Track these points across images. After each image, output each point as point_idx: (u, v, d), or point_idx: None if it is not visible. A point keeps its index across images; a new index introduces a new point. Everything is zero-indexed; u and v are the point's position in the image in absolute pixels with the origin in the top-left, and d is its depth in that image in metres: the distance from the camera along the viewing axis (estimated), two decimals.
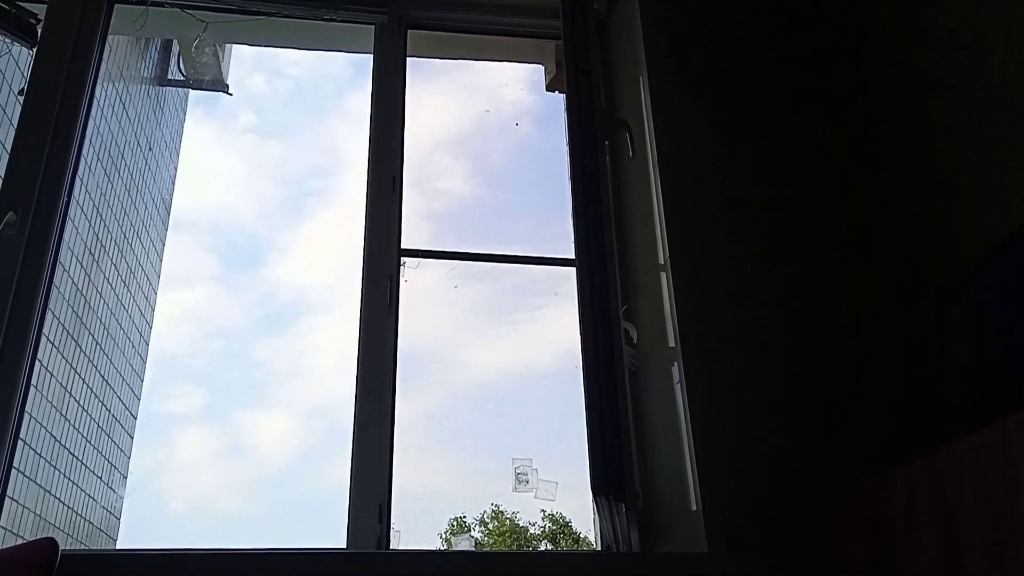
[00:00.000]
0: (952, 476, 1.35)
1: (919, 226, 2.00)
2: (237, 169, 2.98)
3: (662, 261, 2.08)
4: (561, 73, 2.29)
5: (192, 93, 3.49)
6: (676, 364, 1.96)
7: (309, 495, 2.30)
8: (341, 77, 2.96)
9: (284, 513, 2.28)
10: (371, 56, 2.38)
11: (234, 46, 2.96)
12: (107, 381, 3.23)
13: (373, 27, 2.41)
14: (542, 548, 2.48)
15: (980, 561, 1.26)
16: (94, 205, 2.94)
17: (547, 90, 2.61)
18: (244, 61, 3.16)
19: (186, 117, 3.78)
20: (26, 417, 1.99)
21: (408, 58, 2.40)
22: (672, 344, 1.99)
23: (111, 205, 3.16)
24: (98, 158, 2.95)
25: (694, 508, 1.83)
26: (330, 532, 1.86)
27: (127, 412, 3.31)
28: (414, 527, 1.97)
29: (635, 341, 2.14)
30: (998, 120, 1.74)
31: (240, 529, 2.17)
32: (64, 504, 2.86)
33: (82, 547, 3.04)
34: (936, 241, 1.92)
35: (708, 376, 1.94)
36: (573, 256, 2.03)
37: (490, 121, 2.70)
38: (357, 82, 2.34)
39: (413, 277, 2.17)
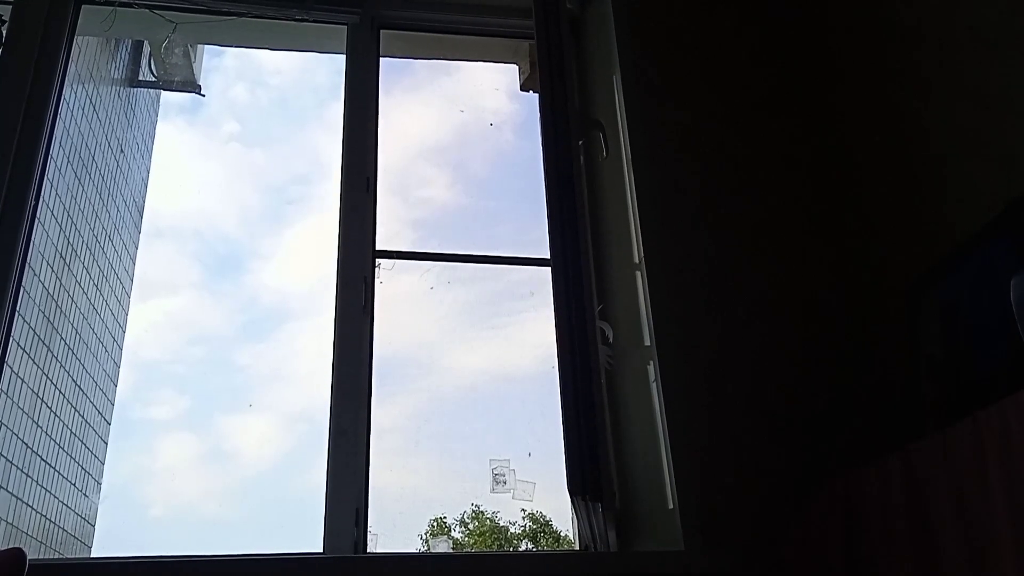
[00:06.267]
0: (925, 470, 1.36)
1: (893, 223, 2.01)
2: (219, 177, 2.97)
3: (637, 260, 2.08)
4: (535, 73, 2.29)
5: (172, 100, 3.47)
6: (652, 363, 1.97)
7: (290, 499, 2.29)
8: (324, 86, 2.96)
9: (265, 518, 2.26)
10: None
11: (206, 47, 2.94)
12: (80, 387, 3.18)
13: (346, 27, 2.40)
14: (523, 547, 2.48)
15: (953, 555, 1.28)
16: (64, 208, 2.89)
17: (521, 90, 2.61)
18: (227, 71, 3.15)
19: (161, 121, 3.75)
20: None
21: (388, 64, 2.41)
22: (648, 343, 2.00)
23: (82, 208, 3.11)
24: (68, 160, 2.91)
25: (671, 506, 1.84)
26: (311, 536, 1.86)
27: (101, 418, 3.27)
28: (392, 530, 1.97)
29: (611, 340, 2.14)
30: (970, 118, 1.76)
31: (220, 534, 2.16)
32: (37, 511, 2.82)
33: (57, 555, 3.00)
34: (910, 238, 1.94)
35: (684, 374, 1.95)
36: (548, 256, 2.03)
37: (470, 128, 2.71)
38: (340, 92, 2.34)
39: (393, 282, 2.17)
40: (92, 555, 2.63)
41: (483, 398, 2.31)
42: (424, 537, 2.30)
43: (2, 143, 2.00)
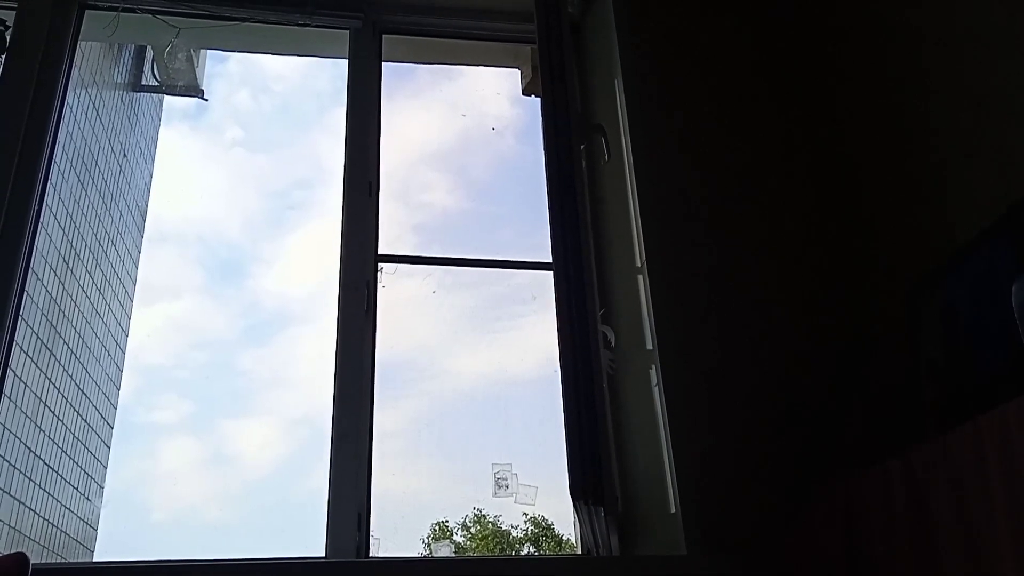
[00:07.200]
0: (926, 474, 1.36)
1: (894, 226, 2.01)
2: (222, 182, 2.98)
3: (639, 264, 2.08)
4: (537, 77, 2.30)
5: (175, 105, 3.48)
6: (654, 367, 1.97)
7: (292, 503, 2.29)
8: (327, 92, 2.98)
9: (267, 522, 2.27)
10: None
11: (210, 53, 2.95)
12: (83, 391, 3.19)
13: (348, 32, 2.40)
14: (525, 551, 2.48)
15: (954, 558, 1.27)
16: (67, 212, 2.90)
17: (523, 94, 2.62)
18: (230, 76, 3.17)
19: (164, 126, 3.76)
20: None
21: (391, 69, 2.42)
22: (650, 347, 2.00)
23: (85, 212, 3.12)
24: (71, 165, 2.91)
25: (673, 510, 1.84)
26: (313, 540, 1.86)
27: (103, 422, 3.27)
28: (394, 534, 1.97)
29: (613, 344, 2.14)
30: (971, 121, 1.76)
31: (222, 538, 2.16)
32: (39, 516, 2.82)
33: (59, 559, 3.01)
34: (911, 241, 1.94)
35: (686, 378, 1.95)
36: (550, 260, 2.03)
37: (472, 132, 2.72)
38: (342, 97, 2.36)
39: (395, 286, 2.18)
40: (94, 559, 2.63)
41: (485, 402, 2.31)
42: (426, 541, 2.30)
43: (6, 147, 2.01)
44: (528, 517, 2.44)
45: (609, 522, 1.82)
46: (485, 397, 2.32)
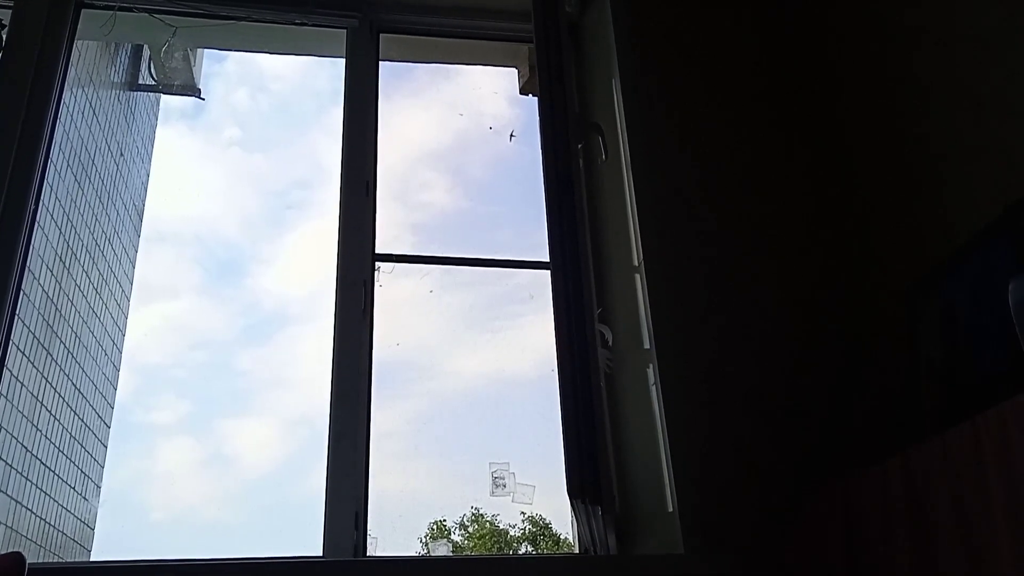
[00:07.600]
0: (924, 474, 1.36)
1: (893, 226, 2.01)
2: (219, 181, 2.98)
3: (636, 263, 2.08)
4: (534, 77, 2.30)
5: (173, 105, 3.48)
6: (651, 366, 1.97)
7: (290, 503, 2.29)
8: (325, 91, 2.98)
9: (265, 521, 2.27)
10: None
11: (207, 52, 2.94)
12: (79, 390, 3.18)
13: (345, 31, 2.40)
14: (522, 550, 2.48)
15: (952, 558, 1.27)
16: (64, 211, 2.89)
17: (520, 93, 2.62)
18: (228, 76, 3.17)
19: (161, 125, 3.76)
20: None
21: (389, 69, 2.42)
22: (647, 346, 2.00)
23: (82, 211, 3.11)
24: (67, 164, 2.90)
25: (670, 509, 1.84)
26: (311, 540, 1.86)
27: (101, 422, 3.26)
28: (392, 533, 1.97)
29: (610, 343, 2.14)
30: (969, 120, 1.76)
31: (220, 538, 2.16)
32: (36, 515, 2.81)
33: (56, 559, 3.00)
34: (909, 240, 1.94)
35: (683, 377, 1.95)
36: (548, 260, 2.03)
37: (470, 132, 2.72)
38: (340, 97, 2.35)
39: (393, 286, 2.17)
40: (91, 559, 2.63)
41: (483, 401, 2.31)
42: (424, 540, 2.30)
43: (2, 146, 2.00)
44: (526, 516, 2.44)
45: (607, 521, 1.82)
46: (483, 397, 2.32)
